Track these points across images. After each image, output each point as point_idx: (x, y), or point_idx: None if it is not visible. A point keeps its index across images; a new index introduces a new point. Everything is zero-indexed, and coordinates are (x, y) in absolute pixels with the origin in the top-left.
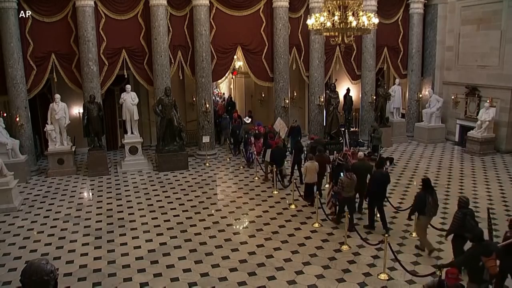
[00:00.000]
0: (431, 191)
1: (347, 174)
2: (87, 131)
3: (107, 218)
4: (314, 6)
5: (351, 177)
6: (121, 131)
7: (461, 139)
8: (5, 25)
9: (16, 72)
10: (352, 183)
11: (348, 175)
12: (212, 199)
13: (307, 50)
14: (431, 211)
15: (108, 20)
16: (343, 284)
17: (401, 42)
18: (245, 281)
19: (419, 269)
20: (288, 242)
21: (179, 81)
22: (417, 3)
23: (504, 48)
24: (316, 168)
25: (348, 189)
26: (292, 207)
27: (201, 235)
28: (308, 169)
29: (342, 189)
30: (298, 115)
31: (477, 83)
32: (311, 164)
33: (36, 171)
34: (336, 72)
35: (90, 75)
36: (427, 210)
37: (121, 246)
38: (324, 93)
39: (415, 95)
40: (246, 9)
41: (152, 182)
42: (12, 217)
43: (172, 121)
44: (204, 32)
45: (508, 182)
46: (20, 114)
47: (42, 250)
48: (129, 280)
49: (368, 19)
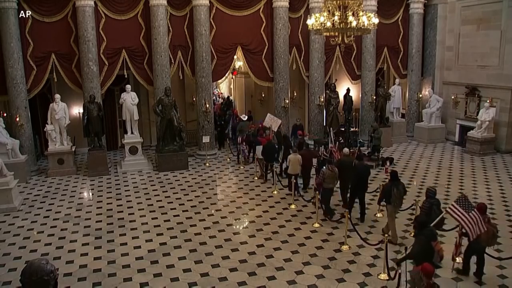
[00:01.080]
0: (396, 183)
1: (329, 167)
2: (87, 131)
3: (107, 218)
4: (314, 6)
5: (332, 170)
6: (121, 131)
7: (461, 139)
8: (5, 25)
9: (16, 72)
10: (333, 176)
11: (330, 168)
12: (212, 199)
13: (307, 50)
14: (396, 201)
15: (108, 20)
16: (343, 284)
17: (401, 42)
18: (245, 281)
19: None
20: (288, 242)
21: (179, 81)
22: (417, 3)
23: (504, 48)
24: (298, 161)
25: (328, 180)
26: (292, 207)
27: (201, 235)
28: (291, 161)
29: (323, 180)
30: (298, 115)
31: (477, 83)
32: (294, 157)
33: (36, 171)
34: (336, 72)
35: (90, 75)
36: (392, 201)
37: (121, 246)
38: (324, 93)
39: (415, 95)
40: (246, 9)
41: (152, 182)
42: (12, 217)
43: (172, 121)
44: (204, 32)
45: (508, 182)
46: (20, 114)
47: (42, 250)
48: (129, 280)
49: (368, 19)
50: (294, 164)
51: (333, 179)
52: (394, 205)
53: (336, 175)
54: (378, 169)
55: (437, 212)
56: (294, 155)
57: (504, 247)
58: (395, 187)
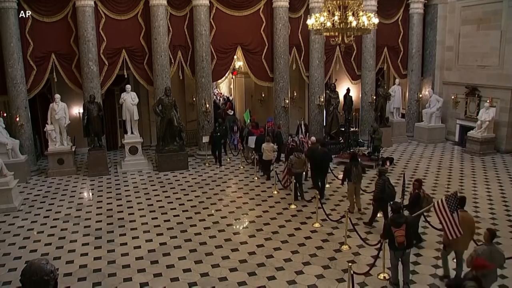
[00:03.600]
0: (355, 163)
1: (296, 154)
2: (87, 131)
3: (107, 218)
4: (314, 6)
5: (299, 157)
6: (121, 131)
7: (461, 139)
8: (5, 25)
9: (16, 72)
10: (300, 161)
11: (296, 155)
12: (212, 199)
13: (307, 50)
14: (355, 178)
15: (108, 20)
16: (343, 284)
17: (401, 42)
18: (245, 281)
19: (419, 269)
20: (288, 242)
21: (179, 81)
22: (417, 3)
23: (504, 48)
24: (271, 148)
25: (296, 165)
26: (292, 207)
27: (201, 235)
28: (264, 149)
29: (291, 166)
30: (298, 115)
31: (477, 83)
32: (267, 145)
33: (36, 171)
34: (336, 72)
35: (90, 75)
36: (352, 178)
37: (121, 246)
38: (324, 93)
39: (415, 95)
40: (246, 9)
41: (152, 182)
42: (12, 217)
43: (172, 121)
44: (204, 32)
45: (508, 182)
46: (20, 114)
47: (42, 250)
48: (129, 280)
49: (368, 19)
50: (267, 151)
51: (300, 164)
52: (353, 181)
53: (303, 161)
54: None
55: (390, 188)
56: (267, 144)
57: (504, 247)
58: (354, 166)
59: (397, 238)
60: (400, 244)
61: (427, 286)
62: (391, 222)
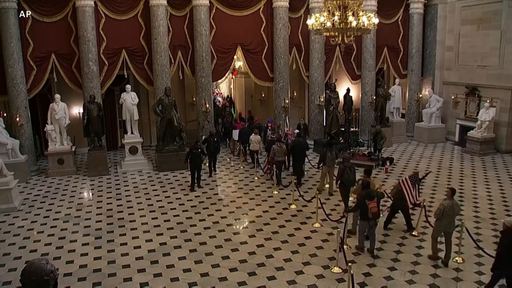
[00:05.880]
0: (330, 149)
1: (277, 144)
2: (87, 131)
3: (107, 218)
4: (314, 6)
5: (280, 147)
6: (121, 131)
7: (461, 139)
8: (5, 25)
9: (16, 72)
10: (281, 151)
11: (278, 145)
12: (212, 199)
13: (307, 50)
14: (329, 163)
15: (108, 20)
16: (343, 284)
17: (401, 42)
18: (245, 281)
19: (419, 269)
20: (288, 242)
21: (179, 81)
22: (417, 3)
23: (504, 48)
24: (258, 140)
25: (278, 154)
26: (292, 207)
27: (201, 235)
28: (252, 140)
29: (274, 155)
30: (298, 115)
31: (477, 83)
32: (254, 137)
33: (36, 171)
34: (336, 72)
35: (90, 75)
36: (326, 162)
37: (121, 246)
38: (324, 93)
39: (415, 95)
40: (246, 9)
41: (152, 182)
42: (12, 217)
43: (172, 121)
44: (204, 32)
45: (508, 182)
46: (20, 114)
47: (42, 250)
48: (129, 280)
49: (368, 19)
50: (254, 143)
51: (281, 153)
52: (328, 165)
53: (284, 151)
54: (378, 169)
55: (349, 173)
56: (254, 136)
57: None
58: (329, 152)
59: (371, 209)
60: (374, 214)
61: (427, 286)
62: (366, 195)
